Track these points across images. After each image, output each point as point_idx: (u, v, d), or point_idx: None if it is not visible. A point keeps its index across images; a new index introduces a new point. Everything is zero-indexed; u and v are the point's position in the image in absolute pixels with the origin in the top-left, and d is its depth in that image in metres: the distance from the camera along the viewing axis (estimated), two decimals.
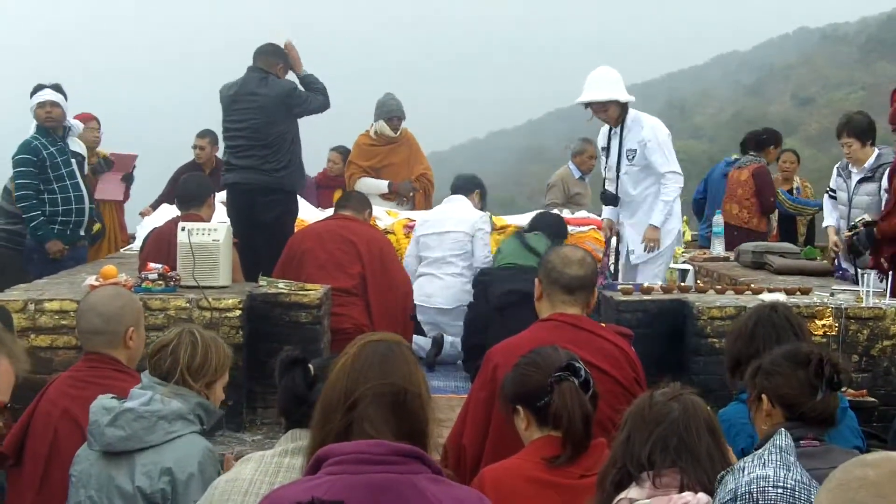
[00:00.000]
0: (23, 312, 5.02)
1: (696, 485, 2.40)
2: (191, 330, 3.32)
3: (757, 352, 3.70)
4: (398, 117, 8.57)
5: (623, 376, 3.65)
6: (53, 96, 7.47)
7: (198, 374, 3.24)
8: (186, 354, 3.23)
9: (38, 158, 7.29)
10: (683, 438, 2.47)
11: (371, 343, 2.38)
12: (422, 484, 2.12)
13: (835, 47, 60.84)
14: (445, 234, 7.22)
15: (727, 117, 52.82)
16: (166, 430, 3.12)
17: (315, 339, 5.31)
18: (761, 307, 3.93)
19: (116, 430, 3.10)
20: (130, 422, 3.11)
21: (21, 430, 3.57)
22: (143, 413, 3.12)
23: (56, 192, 7.34)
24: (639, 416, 2.54)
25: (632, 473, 2.47)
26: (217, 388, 3.35)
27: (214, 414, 3.29)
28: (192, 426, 3.18)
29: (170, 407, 3.15)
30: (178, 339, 3.26)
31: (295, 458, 2.65)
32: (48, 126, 7.42)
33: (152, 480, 3.07)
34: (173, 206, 6.95)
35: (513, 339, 3.80)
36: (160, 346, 3.27)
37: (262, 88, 6.52)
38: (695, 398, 2.56)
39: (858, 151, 6.97)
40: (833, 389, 2.95)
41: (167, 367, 3.23)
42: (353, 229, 6.28)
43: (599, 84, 6.69)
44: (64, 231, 7.38)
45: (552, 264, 3.81)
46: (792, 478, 2.37)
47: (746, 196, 8.83)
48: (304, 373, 2.74)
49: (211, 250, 5.32)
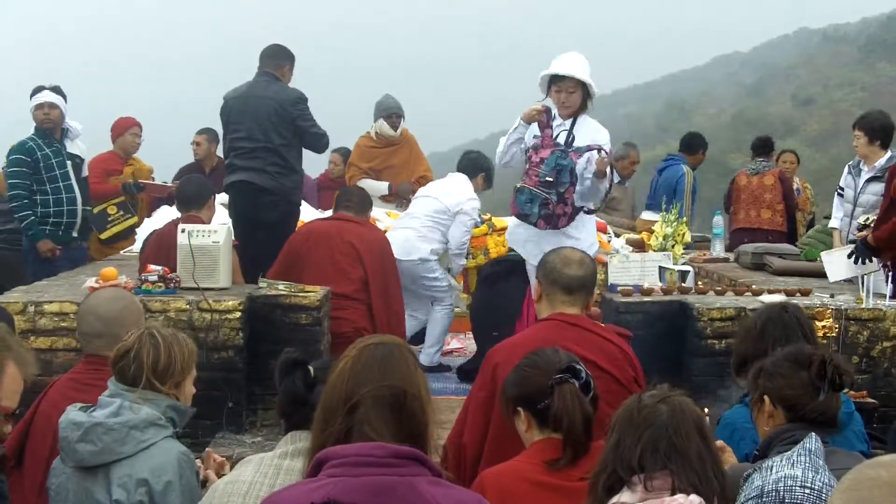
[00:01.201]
0: (22, 314, 5.02)
1: (687, 487, 2.40)
2: (151, 332, 3.18)
3: (765, 351, 3.69)
4: (397, 115, 8.57)
5: (623, 376, 3.66)
6: (52, 98, 7.50)
7: (164, 376, 3.14)
8: (150, 358, 3.12)
9: (31, 159, 7.32)
10: (673, 441, 2.46)
11: (370, 346, 2.38)
12: (421, 486, 2.13)
13: (835, 48, 60.82)
14: (426, 197, 7.26)
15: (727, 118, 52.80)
16: (139, 440, 3.04)
17: (315, 340, 5.32)
18: (772, 306, 3.93)
19: (87, 445, 3.02)
20: (101, 435, 3.02)
21: (22, 432, 3.57)
22: (113, 426, 3.03)
23: (48, 192, 7.37)
24: (627, 420, 2.53)
25: (622, 477, 2.47)
26: (187, 386, 3.24)
27: (186, 413, 3.21)
28: (164, 431, 3.10)
29: (140, 415, 3.06)
30: (139, 343, 3.15)
31: (295, 460, 2.65)
32: (46, 127, 7.45)
33: (129, 493, 2.99)
34: (173, 207, 6.96)
35: (513, 339, 3.81)
36: (123, 352, 3.16)
37: (269, 92, 6.48)
38: (683, 399, 2.56)
39: (865, 147, 7.04)
40: (835, 391, 2.95)
41: (133, 373, 3.12)
42: (354, 232, 6.26)
43: (579, 63, 6.12)
44: (56, 232, 7.40)
45: (552, 265, 3.82)
46: (820, 480, 2.41)
47: (777, 200, 9.01)
48: (304, 375, 2.74)
49: (211, 252, 5.33)
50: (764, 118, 48.50)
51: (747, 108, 53.86)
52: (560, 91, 5.97)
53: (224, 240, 5.38)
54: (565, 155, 5.81)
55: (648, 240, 7.53)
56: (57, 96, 7.54)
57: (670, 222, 7.18)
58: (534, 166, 5.83)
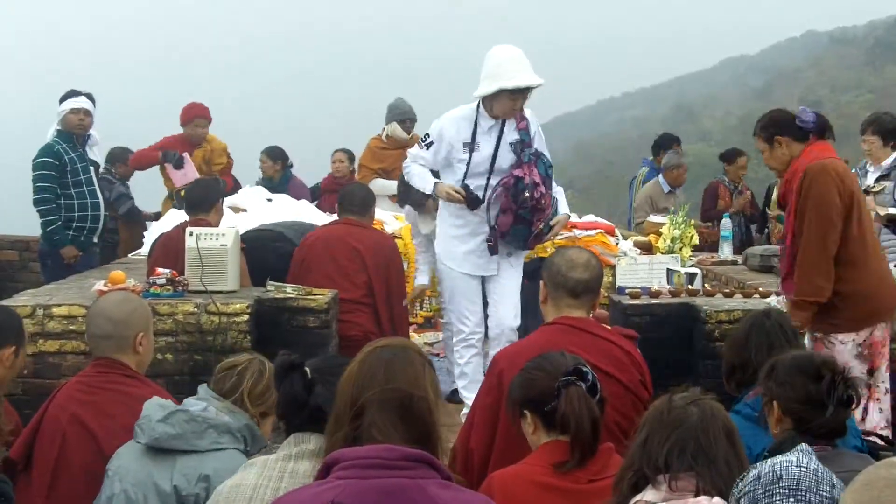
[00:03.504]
0: (31, 317, 5.03)
1: (711, 489, 2.41)
2: (261, 359, 3.39)
3: (749, 359, 3.71)
4: (411, 119, 8.60)
5: (629, 379, 3.64)
6: (88, 104, 7.52)
7: (256, 401, 3.30)
8: (252, 379, 3.30)
9: (59, 162, 7.31)
10: (701, 443, 2.47)
11: (377, 350, 2.39)
12: (431, 489, 2.12)
13: (843, 50, 60.68)
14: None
15: (735, 121, 52.70)
16: (214, 440, 3.16)
17: (323, 343, 5.32)
18: (755, 313, 3.94)
19: (167, 427, 3.13)
20: (182, 422, 3.14)
21: (30, 435, 3.57)
22: (196, 416, 3.16)
23: (73, 197, 7.37)
24: (657, 419, 2.54)
25: (648, 476, 2.48)
26: (268, 423, 3.38)
27: (260, 440, 3.30)
28: (237, 443, 3.20)
29: (221, 419, 3.19)
30: (247, 363, 3.34)
31: (299, 462, 2.64)
32: (77, 133, 7.46)
33: (189, 483, 3.09)
34: (181, 210, 6.97)
35: (519, 344, 3.81)
36: (229, 366, 3.34)
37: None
38: (714, 403, 2.57)
39: (879, 150, 7.11)
40: (844, 407, 2.94)
41: (230, 385, 3.29)
42: (358, 236, 6.25)
43: (528, 66, 5.67)
44: (78, 237, 7.40)
45: (557, 268, 3.80)
46: (814, 463, 2.43)
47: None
48: (302, 376, 2.74)
49: (219, 255, 5.33)
50: None
51: (755, 110, 53.57)
52: (517, 100, 5.69)
53: (232, 243, 5.39)
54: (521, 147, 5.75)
55: (656, 242, 7.52)
56: (90, 103, 7.57)
57: (678, 225, 7.18)
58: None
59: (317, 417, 2.60)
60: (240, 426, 3.22)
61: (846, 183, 4.62)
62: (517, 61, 5.68)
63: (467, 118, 5.82)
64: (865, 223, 4.71)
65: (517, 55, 5.71)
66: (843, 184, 4.60)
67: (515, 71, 5.64)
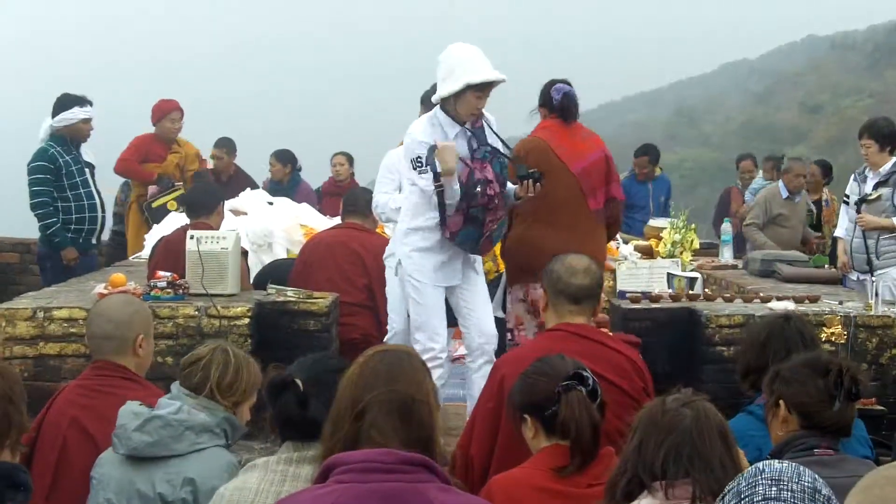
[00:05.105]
0: (32, 320, 5.03)
1: (708, 495, 2.40)
2: (224, 348, 3.31)
3: (767, 363, 3.70)
4: None
5: (631, 386, 3.64)
6: (93, 112, 7.57)
7: (226, 393, 3.25)
8: (217, 371, 3.23)
9: (54, 166, 7.31)
10: (696, 446, 2.46)
11: (378, 353, 2.40)
12: (430, 493, 2.13)
13: (843, 55, 60.69)
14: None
15: (736, 125, 52.76)
16: (192, 441, 3.13)
17: (323, 347, 5.31)
18: (775, 318, 3.93)
19: (143, 436, 3.11)
20: (158, 428, 3.12)
21: (30, 438, 3.57)
22: (172, 421, 3.13)
23: (70, 200, 7.37)
24: (650, 423, 2.53)
25: (644, 482, 2.47)
26: (244, 409, 3.34)
27: (239, 430, 3.29)
28: (217, 440, 3.19)
29: (197, 419, 3.16)
30: (210, 355, 3.27)
31: (301, 466, 2.65)
32: (81, 141, 7.50)
33: (174, 488, 3.08)
34: (182, 213, 6.97)
35: (519, 350, 3.81)
36: (194, 359, 3.28)
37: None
38: (707, 405, 2.56)
39: (875, 154, 7.12)
40: (851, 400, 2.96)
41: (197, 380, 3.23)
42: (360, 240, 6.27)
43: (489, 62, 5.35)
44: (77, 239, 7.41)
45: (557, 274, 3.79)
46: (798, 465, 2.42)
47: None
48: (295, 394, 2.72)
49: (220, 258, 5.33)
50: (772, 125, 48.44)
51: (755, 115, 53.78)
52: (482, 98, 5.32)
53: (233, 246, 5.39)
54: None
55: (657, 246, 7.52)
56: (93, 110, 7.60)
57: (679, 229, 7.18)
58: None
59: (313, 432, 2.59)
60: (218, 421, 3.19)
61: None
62: (478, 57, 5.34)
63: (436, 126, 5.33)
64: None
65: (476, 52, 5.38)
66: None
67: (478, 66, 5.29)
